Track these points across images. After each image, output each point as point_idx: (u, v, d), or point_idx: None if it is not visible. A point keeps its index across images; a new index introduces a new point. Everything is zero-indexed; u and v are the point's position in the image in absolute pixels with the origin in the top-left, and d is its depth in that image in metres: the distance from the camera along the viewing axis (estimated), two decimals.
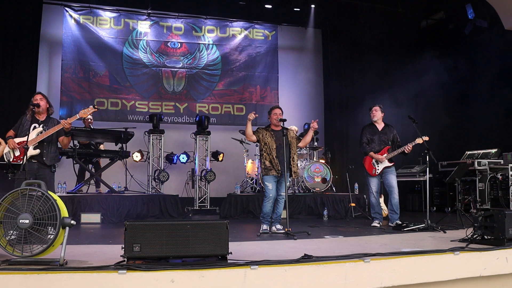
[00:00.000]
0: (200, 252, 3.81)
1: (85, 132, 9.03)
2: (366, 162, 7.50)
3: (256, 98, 12.31)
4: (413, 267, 4.20)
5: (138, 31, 11.59)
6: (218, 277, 3.70)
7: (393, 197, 7.25)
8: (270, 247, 5.12)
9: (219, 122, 11.92)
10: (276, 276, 3.80)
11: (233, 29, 12.35)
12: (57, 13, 11.02)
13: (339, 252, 4.39)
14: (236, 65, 12.26)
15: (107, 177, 9.69)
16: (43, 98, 5.90)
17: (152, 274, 3.61)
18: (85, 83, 11.03)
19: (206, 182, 10.83)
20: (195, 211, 10.55)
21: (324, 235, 6.31)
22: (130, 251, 3.72)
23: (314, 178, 10.03)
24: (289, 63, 12.93)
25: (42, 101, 5.84)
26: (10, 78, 10.06)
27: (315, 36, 13.09)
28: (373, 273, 4.04)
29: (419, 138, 7.06)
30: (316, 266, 3.93)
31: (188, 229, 3.78)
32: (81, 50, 11.02)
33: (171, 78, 11.73)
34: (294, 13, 12.32)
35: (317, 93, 13.09)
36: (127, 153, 9.31)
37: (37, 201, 3.79)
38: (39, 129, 5.72)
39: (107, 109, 11.18)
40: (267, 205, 6.51)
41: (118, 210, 8.38)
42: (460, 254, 4.43)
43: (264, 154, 6.59)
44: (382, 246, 5.05)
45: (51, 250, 3.88)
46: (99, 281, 3.58)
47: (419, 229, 6.56)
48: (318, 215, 9.36)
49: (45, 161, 5.69)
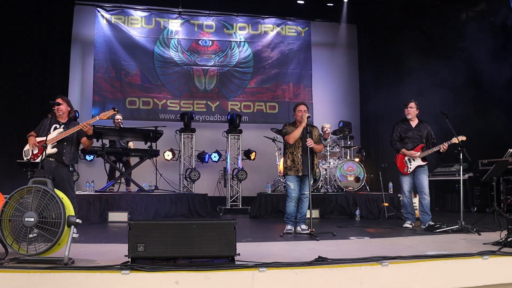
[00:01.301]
0: (207, 253, 3.67)
1: (115, 131, 9.07)
2: (398, 160, 7.15)
3: (289, 95, 12.09)
4: (436, 271, 3.92)
5: (169, 30, 11.58)
6: (224, 279, 3.55)
7: (424, 198, 6.89)
8: (288, 248, 4.94)
9: (251, 120, 11.77)
10: (286, 279, 3.61)
11: (265, 26, 12.17)
12: (89, 13, 11.14)
13: (359, 255, 4.16)
14: (268, 62, 12.07)
15: (138, 176, 9.72)
16: (64, 101, 5.96)
17: (156, 275, 3.50)
18: (117, 83, 11.11)
19: (238, 181, 10.72)
20: (227, 210, 10.45)
21: (350, 236, 6.05)
22: (134, 251, 3.62)
23: (347, 177, 9.74)
24: (323, 60, 12.65)
25: (63, 105, 5.91)
26: (43, 78, 10.24)
27: (350, 31, 12.74)
28: (391, 278, 3.79)
29: (454, 138, 6.66)
30: (330, 269, 3.71)
31: (194, 229, 3.65)
32: (112, 50, 11.10)
33: (203, 77, 11.67)
34: (327, 8, 12.07)
35: (352, 89, 12.75)
36: (157, 151, 9.29)
37: (42, 199, 3.74)
38: (60, 129, 5.81)
39: (138, 108, 11.22)
40: (290, 205, 6.32)
41: (146, 209, 8.35)
42: (490, 259, 4.11)
43: (288, 153, 6.39)
44: (407, 248, 4.77)
45: (57, 249, 3.83)
46: (102, 281, 3.50)
47: (452, 230, 6.21)
48: (350, 215, 9.07)
49: (64, 161, 5.76)
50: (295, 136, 6.29)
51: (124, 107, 11.02)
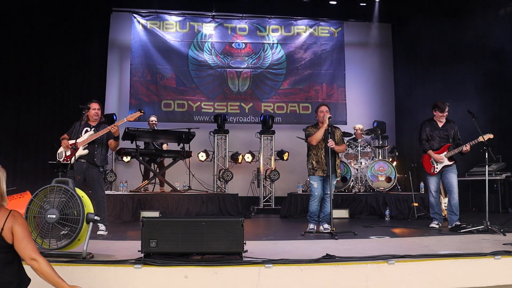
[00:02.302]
0: (215, 249, 3.82)
1: (148, 133, 9.36)
2: (425, 160, 7.09)
3: (323, 96, 12.09)
4: (445, 270, 3.93)
5: (203, 34, 11.83)
6: (231, 274, 3.70)
7: (453, 198, 6.80)
8: (303, 246, 5.03)
9: (284, 121, 11.85)
10: (291, 276, 3.72)
11: (298, 27, 12.23)
12: (126, 20, 11.52)
13: (370, 253, 4.20)
14: (301, 63, 12.12)
15: (172, 177, 9.99)
16: (100, 108, 6.29)
17: (166, 269, 3.68)
18: (152, 86, 11.44)
19: (271, 181, 10.84)
20: (260, 210, 10.58)
21: (371, 235, 6.07)
22: (147, 246, 3.82)
23: (378, 177, 9.68)
24: (356, 60, 12.56)
25: (99, 111, 6.26)
26: (81, 84, 10.68)
27: (384, 31, 12.61)
28: (397, 276, 3.83)
29: (481, 137, 6.55)
30: (335, 266, 3.80)
31: (203, 226, 3.81)
32: (148, 54, 11.44)
33: (236, 79, 11.86)
34: (360, 8, 12.00)
35: (387, 90, 12.59)
36: (189, 152, 9.52)
37: (64, 197, 3.98)
38: (91, 132, 6.11)
39: (173, 110, 11.52)
40: (313, 204, 6.40)
41: (177, 209, 8.60)
42: (502, 259, 4.07)
43: (312, 154, 6.48)
44: (422, 247, 4.76)
45: (78, 244, 4.07)
46: (115, 274, 3.71)
47: (478, 231, 6.12)
48: (380, 215, 9.02)
49: (96, 162, 6.06)
50: (318, 138, 6.37)
51: (160, 109, 11.35)
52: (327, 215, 6.47)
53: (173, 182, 9.68)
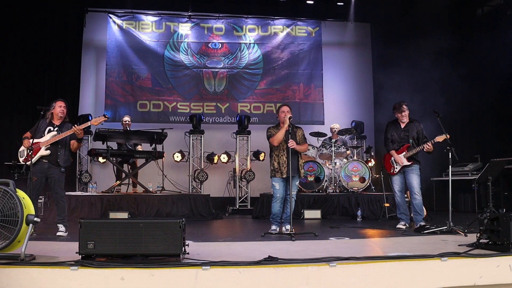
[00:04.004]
0: (153, 251, 3.78)
1: (120, 134, 9.29)
2: (385, 160, 7.13)
3: (300, 96, 12.07)
4: (390, 273, 3.88)
5: (179, 34, 11.77)
6: (168, 276, 3.64)
7: (414, 198, 6.79)
8: (255, 248, 4.96)
9: (261, 121, 11.79)
10: (229, 278, 3.67)
11: (275, 27, 12.20)
12: (102, 20, 11.45)
13: (318, 255, 4.15)
14: (278, 63, 12.09)
15: (146, 177, 9.91)
16: (66, 106, 6.28)
17: (103, 271, 3.63)
18: (128, 86, 11.38)
19: (246, 181, 10.82)
20: (235, 210, 10.57)
21: (332, 236, 6.03)
22: (84, 248, 3.76)
23: (352, 177, 9.66)
24: (334, 59, 12.54)
25: (65, 109, 6.26)
26: (55, 83, 10.60)
27: (362, 30, 12.60)
28: (340, 279, 3.78)
29: (439, 136, 6.55)
30: (275, 269, 3.74)
31: (141, 227, 3.76)
32: (124, 55, 11.38)
33: (212, 79, 11.80)
34: (338, 8, 11.96)
35: (366, 89, 12.59)
36: (161, 153, 9.46)
37: (2, 199, 3.92)
38: (54, 132, 6.09)
39: (149, 111, 11.46)
40: (275, 206, 6.37)
41: (147, 210, 8.55)
42: (449, 261, 4.02)
43: (274, 156, 6.44)
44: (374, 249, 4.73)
45: (18, 246, 3.99)
46: (52, 276, 3.65)
47: (441, 231, 6.10)
48: (353, 216, 9.00)
49: (59, 162, 6.05)
50: (279, 138, 6.32)
51: (135, 110, 11.30)
52: (288, 216, 6.43)
53: (147, 183, 9.62)
